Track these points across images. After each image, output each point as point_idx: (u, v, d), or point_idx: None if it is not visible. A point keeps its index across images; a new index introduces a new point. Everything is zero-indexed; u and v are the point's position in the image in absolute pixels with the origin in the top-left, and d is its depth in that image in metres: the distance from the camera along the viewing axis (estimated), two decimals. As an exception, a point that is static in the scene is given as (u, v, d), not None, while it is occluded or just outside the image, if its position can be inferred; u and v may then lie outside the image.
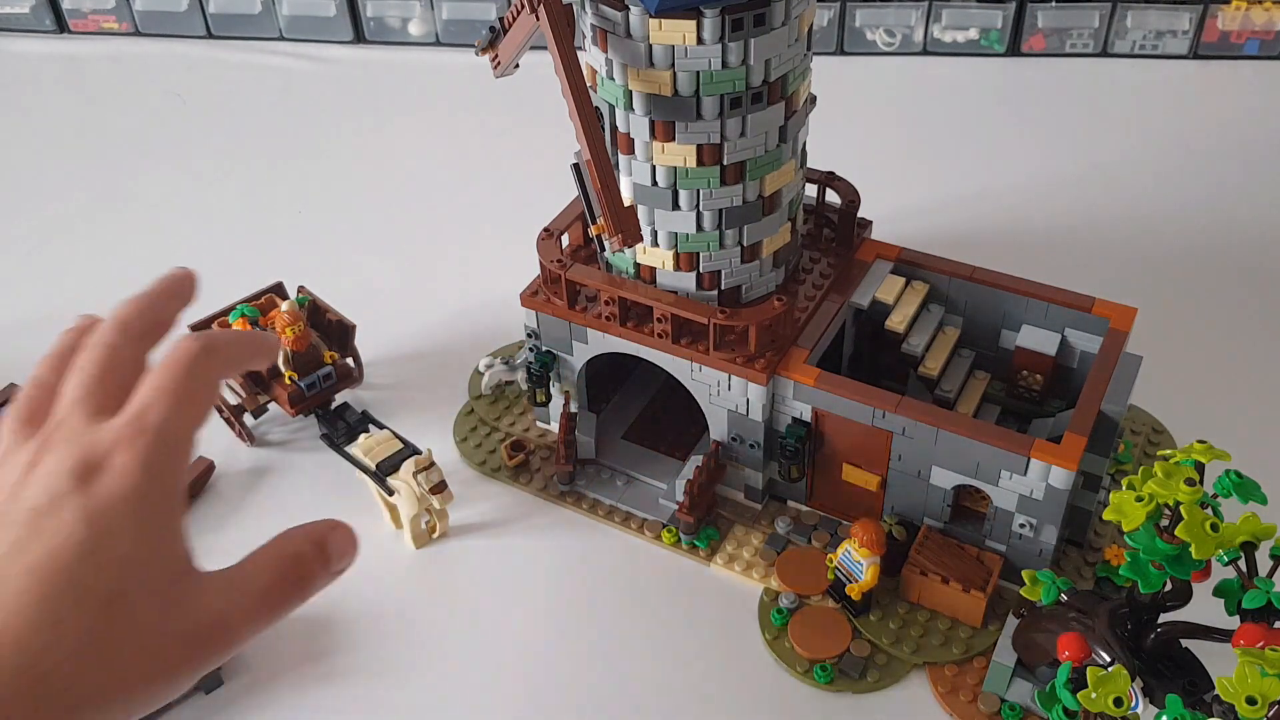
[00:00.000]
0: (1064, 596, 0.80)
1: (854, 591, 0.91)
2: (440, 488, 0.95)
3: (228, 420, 1.11)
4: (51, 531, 0.55)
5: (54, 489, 0.56)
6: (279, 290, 1.15)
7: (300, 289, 1.15)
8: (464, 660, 0.92)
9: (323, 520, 0.64)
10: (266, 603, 0.64)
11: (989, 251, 1.13)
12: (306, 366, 1.05)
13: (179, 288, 0.67)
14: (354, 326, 1.11)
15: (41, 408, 0.62)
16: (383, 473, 0.94)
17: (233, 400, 1.10)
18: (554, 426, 1.08)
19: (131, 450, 0.58)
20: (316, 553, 0.65)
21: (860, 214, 1.05)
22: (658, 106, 0.86)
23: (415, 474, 0.94)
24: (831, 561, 0.92)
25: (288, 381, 1.05)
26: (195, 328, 1.09)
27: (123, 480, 0.57)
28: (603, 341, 0.98)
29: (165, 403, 0.59)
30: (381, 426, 0.96)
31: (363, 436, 0.97)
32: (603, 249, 1.02)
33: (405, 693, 0.90)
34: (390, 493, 0.95)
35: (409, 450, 0.96)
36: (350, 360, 1.13)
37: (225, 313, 1.11)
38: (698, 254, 0.94)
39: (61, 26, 1.80)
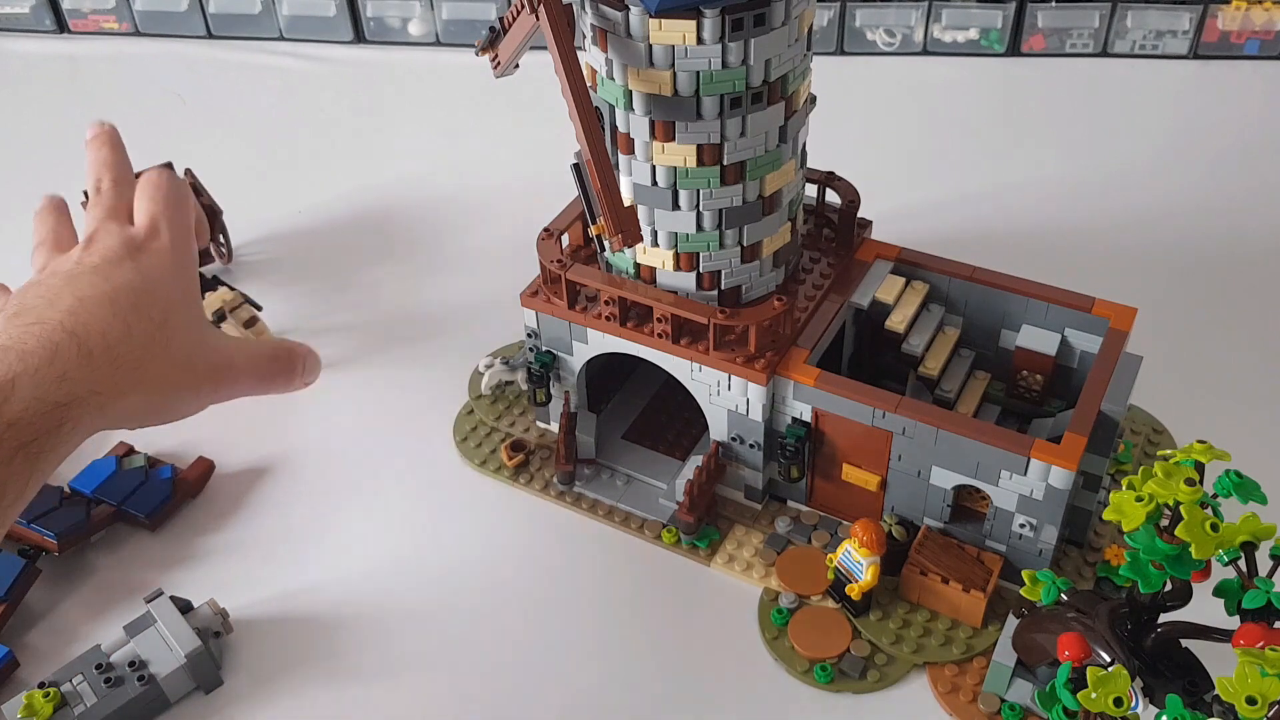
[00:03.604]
0: (1064, 596, 0.80)
1: (854, 591, 0.91)
2: (252, 322, 1.15)
3: None
4: (116, 276, 0.76)
5: (111, 257, 0.77)
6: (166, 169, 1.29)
7: (185, 172, 1.28)
8: (464, 660, 0.92)
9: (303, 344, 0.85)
10: (262, 367, 0.85)
11: (989, 251, 1.13)
12: None
13: (118, 137, 0.92)
14: (221, 211, 1.30)
15: (62, 239, 0.85)
16: (216, 320, 1.13)
17: None
18: (554, 426, 1.08)
19: (160, 239, 0.80)
20: (299, 357, 0.88)
21: (860, 214, 1.05)
22: (658, 106, 0.86)
23: (230, 311, 1.14)
24: (831, 561, 0.92)
25: None
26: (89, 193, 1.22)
27: (160, 254, 0.79)
28: (603, 341, 0.98)
29: (169, 211, 0.82)
30: (232, 289, 1.18)
31: (208, 294, 1.15)
32: (603, 249, 1.02)
33: (405, 693, 0.90)
34: None
35: (242, 299, 1.18)
36: (221, 239, 1.32)
37: None
38: (698, 254, 0.94)
39: (61, 26, 1.80)
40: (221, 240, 1.32)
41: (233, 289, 1.20)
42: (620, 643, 0.93)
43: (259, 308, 1.20)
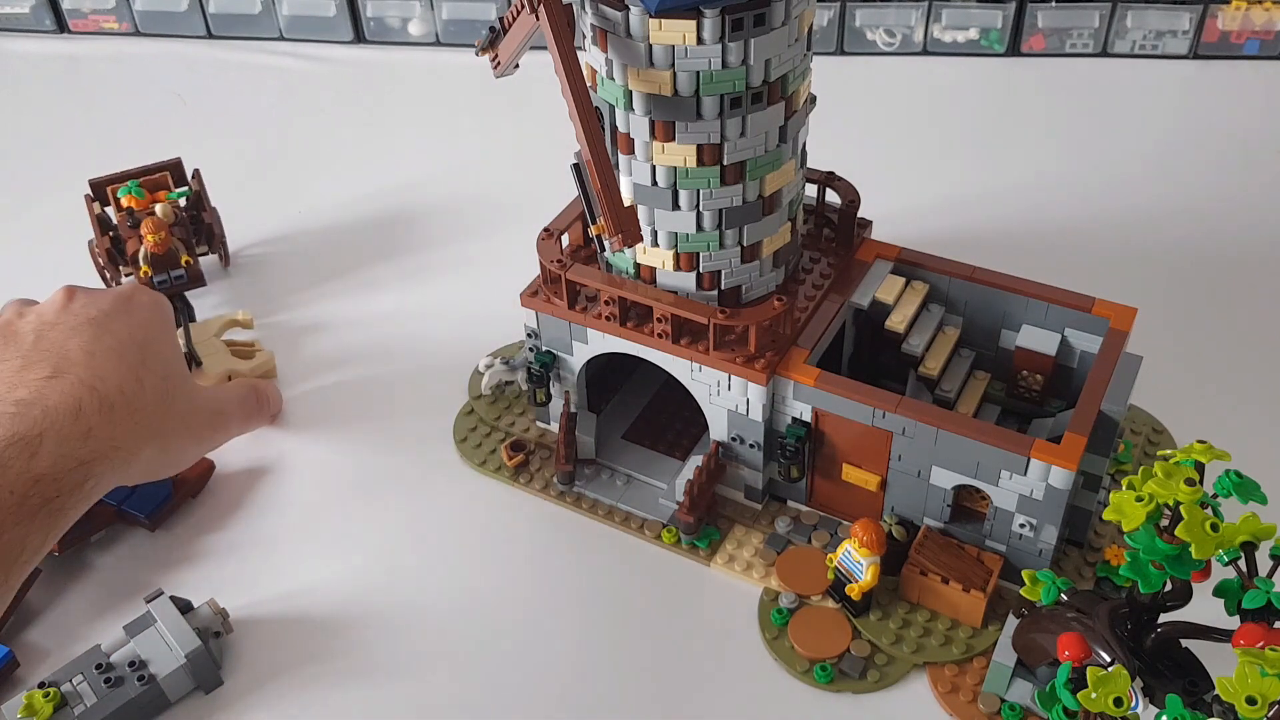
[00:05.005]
0: (1064, 596, 0.80)
1: (854, 591, 0.91)
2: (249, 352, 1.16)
3: (101, 272, 1.27)
4: (117, 330, 0.77)
5: (104, 309, 0.78)
6: (176, 167, 1.30)
7: (194, 173, 1.30)
8: (463, 660, 0.92)
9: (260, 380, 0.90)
10: (243, 409, 0.91)
11: (989, 251, 1.13)
12: (163, 265, 1.19)
13: None
14: (219, 221, 1.31)
15: (29, 302, 0.84)
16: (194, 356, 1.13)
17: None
18: (554, 426, 1.08)
19: (141, 295, 0.82)
20: (263, 393, 0.95)
21: (860, 214, 1.05)
22: (658, 106, 0.86)
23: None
24: (831, 561, 0.92)
25: (144, 274, 1.18)
26: (94, 184, 1.27)
27: (147, 309, 0.80)
28: (603, 341, 0.98)
29: (133, 286, 0.85)
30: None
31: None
32: (603, 249, 1.02)
33: (405, 693, 0.90)
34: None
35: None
36: (218, 255, 1.33)
37: (119, 181, 1.27)
38: (698, 254, 0.94)
39: (61, 26, 1.80)
40: (219, 256, 1.33)
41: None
42: (620, 643, 0.93)
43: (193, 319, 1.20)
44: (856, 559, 0.90)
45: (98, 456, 0.70)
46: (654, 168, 0.90)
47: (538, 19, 0.84)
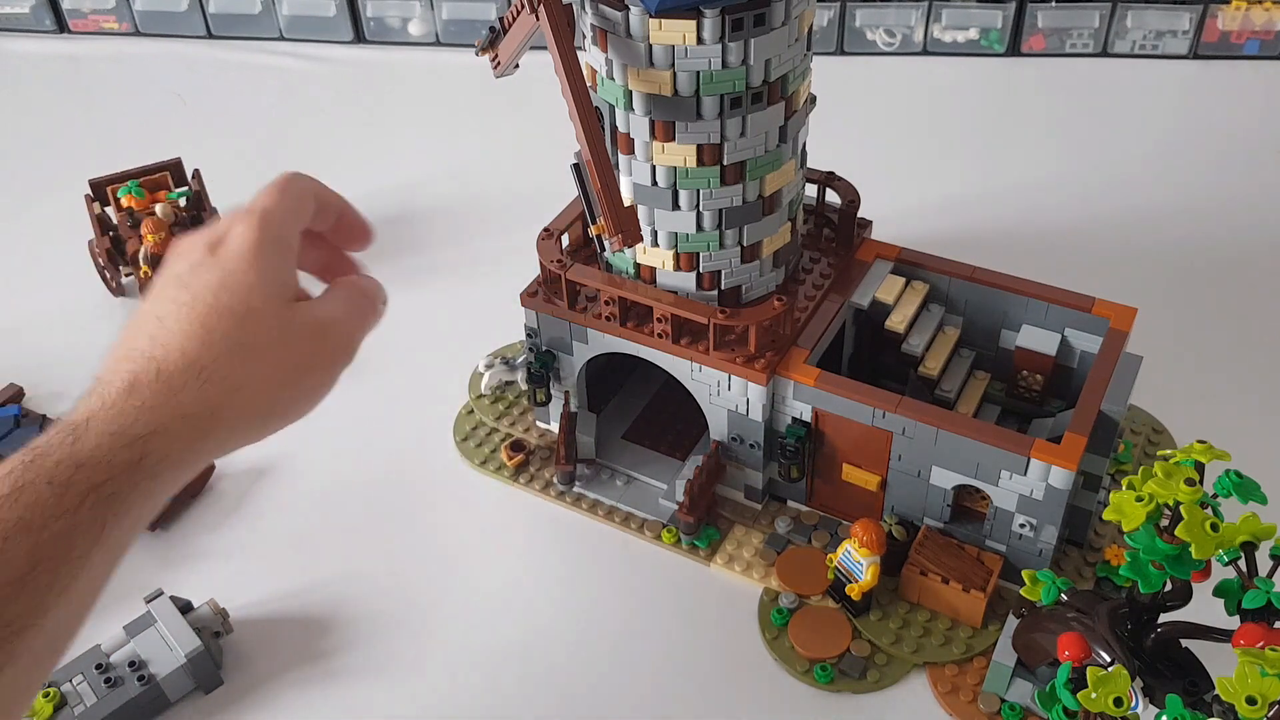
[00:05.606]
0: (1064, 596, 0.80)
1: (854, 591, 0.91)
2: None
3: (101, 272, 1.28)
4: (195, 281, 0.71)
5: (192, 260, 0.73)
6: (176, 167, 1.31)
7: (194, 173, 1.29)
8: (464, 660, 0.92)
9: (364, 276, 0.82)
10: (358, 311, 0.80)
11: (989, 251, 1.13)
12: None
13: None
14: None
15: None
16: None
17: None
18: (554, 426, 1.08)
19: (245, 222, 0.74)
20: (368, 292, 0.83)
21: (860, 214, 1.05)
22: (658, 106, 0.86)
23: None
24: (831, 561, 0.92)
25: (144, 274, 1.20)
26: (94, 184, 1.28)
27: (240, 239, 0.73)
28: (603, 341, 0.98)
29: (269, 196, 0.76)
30: None
31: None
32: (603, 249, 1.02)
33: (405, 693, 0.90)
34: None
35: None
36: None
37: (119, 180, 1.27)
38: (698, 254, 0.94)
39: (61, 26, 1.80)
40: None
41: None
42: (620, 642, 0.93)
43: None
44: (856, 559, 0.90)
45: (157, 430, 0.64)
46: (654, 168, 0.90)
47: (538, 19, 0.83)
